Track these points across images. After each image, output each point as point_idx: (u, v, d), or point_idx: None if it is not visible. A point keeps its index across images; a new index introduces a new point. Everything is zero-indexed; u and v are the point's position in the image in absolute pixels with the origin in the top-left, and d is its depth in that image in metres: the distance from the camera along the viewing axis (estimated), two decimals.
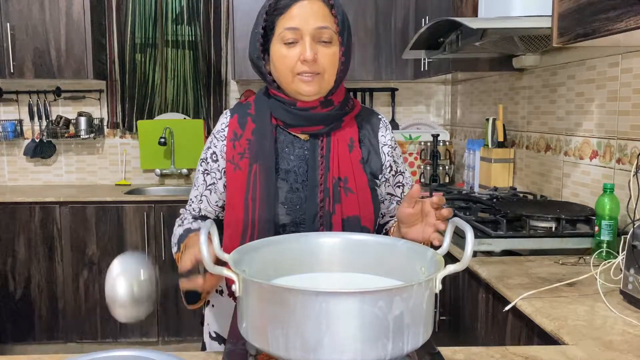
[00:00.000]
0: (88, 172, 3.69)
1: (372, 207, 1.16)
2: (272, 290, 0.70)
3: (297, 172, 1.16)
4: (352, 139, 1.17)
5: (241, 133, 1.17)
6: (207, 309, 1.29)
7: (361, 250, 0.94)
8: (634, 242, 1.30)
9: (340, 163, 1.15)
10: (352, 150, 1.16)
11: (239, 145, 1.16)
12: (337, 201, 1.13)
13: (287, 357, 0.69)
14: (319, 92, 1.11)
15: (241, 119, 1.18)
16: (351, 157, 1.15)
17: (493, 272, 1.58)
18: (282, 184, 1.14)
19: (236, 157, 1.15)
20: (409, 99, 3.74)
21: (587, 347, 1.08)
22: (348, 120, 1.18)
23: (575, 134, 2.15)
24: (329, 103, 1.15)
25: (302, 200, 1.14)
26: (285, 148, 1.16)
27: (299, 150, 1.17)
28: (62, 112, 3.60)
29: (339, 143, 1.16)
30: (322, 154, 1.15)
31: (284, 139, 1.17)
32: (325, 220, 1.12)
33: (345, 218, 1.12)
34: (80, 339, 3.17)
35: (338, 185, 1.13)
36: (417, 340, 0.72)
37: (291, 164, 1.16)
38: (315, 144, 1.16)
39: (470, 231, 0.76)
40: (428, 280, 0.73)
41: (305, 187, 1.14)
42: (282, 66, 1.10)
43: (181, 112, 3.65)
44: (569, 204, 2.06)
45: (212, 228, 0.79)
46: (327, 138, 1.16)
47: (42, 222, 3.10)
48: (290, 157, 1.16)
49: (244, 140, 1.16)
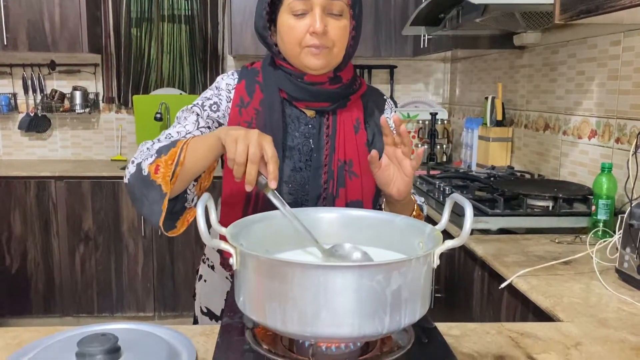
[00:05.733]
0: (83, 147, 3.66)
1: (374, 192, 1.14)
2: (270, 263, 0.70)
3: (302, 151, 1.13)
4: (359, 120, 1.15)
5: (248, 101, 1.12)
6: (199, 283, 1.28)
7: (359, 225, 0.94)
8: (631, 221, 1.30)
9: (346, 145, 1.12)
10: (358, 131, 1.14)
11: (246, 114, 1.11)
12: (342, 185, 1.11)
13: (285, 330, 0.69)
14: (327, 66, 1.08)
15: (249, 86, 1.13)
16: (357, 139, 1.13)
17: (489, 250, 1.58)
18: (286, 161, 1.11)
19: (242, 125, 1.10)
20: (407, 77, 3.71)
21: (581, 324, 1.09)
22: (354, 100, 1.15)
23: (575, 113, 2.14)
24: (338, 80, 1.12)
25: (305, 180, 1.12)
26: (291, 123, 1.13)
27: (304, 127, 1.14)
28: (57, 86, 3.56)
29: (345, 123, 1.13)
30: (327, 133, 1.12)
31: (290, 114, 1.13)
32: (328, 203, 1.11)
33: (349, 202, 1.11)
34: (77, 313, 3.18)
35: (343, 168, 1.11)
36: (414, 314, 0.72)
37: (295, 141, 1.13)
38: (321, 122, 1.13)
39: (469, 207, 0.75)
40: (426, 255, 0.72)
41: (309, 166, 1.12)
42: (289, 38, 1.06)
43: (177, 88, 3.61)
44: (566, 183, 2.06)
45: (210, 201, 0.78)
46: (333, 117, 1.13)
47: (37, 197, 3.09)
48: (295, 133, 1.13)
49: (252, 109, 1.11)
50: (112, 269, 3.17)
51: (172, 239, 3.16)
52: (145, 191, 0.97)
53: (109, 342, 0.86)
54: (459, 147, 3.23)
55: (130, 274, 3.18)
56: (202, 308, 1.27)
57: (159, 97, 3.51)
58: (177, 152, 0.95)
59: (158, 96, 3.52)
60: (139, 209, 1.01)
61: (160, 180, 0.95)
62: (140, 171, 0.98)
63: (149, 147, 1.02)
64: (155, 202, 0.96)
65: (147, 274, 3.19)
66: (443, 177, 2.34)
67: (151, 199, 0.96)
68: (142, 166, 0.98)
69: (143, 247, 3.16)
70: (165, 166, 0.95)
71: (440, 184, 2.16)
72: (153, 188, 0.96)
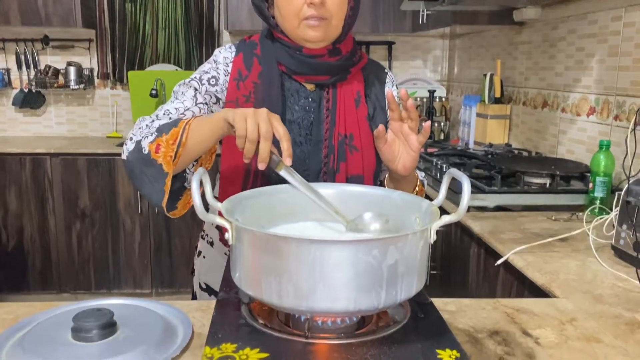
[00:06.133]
0: (79, 123, 3.63)
1: (375, 166, 1.13)
2: (266, 238, 0.69)
3: (301, 125, 1.11)
4: (359, 93, 1.13)
5: (247, 74, 1.10)
6: (198, 259, 1.28)
7: (356, 201, 0.93)
8: (628, 198, 1.29)
9: (347, 119, 1.10)
10: (359, 105, 1.12)
11: (244, 87, 1.09)
12: (342, 159, 1.09)
13: (280, 305, 0.69)
14: (325, 38, 1.06)
15: (247, 59, 1.11)
16: (357, 113, 1.11)
17: (486, 227, 1.58)
18: None
19: (240, 99, 1.08)
20: (406, 54, 3.68)
21: (577, 300, 1.09)
22: (355, 72, 1.13)
23: (574, 90, 2.12)
24: (337, 52, 1.10)
25: (305, 155, 1.10)
26: (290, 97, 1.11)
27: (304, 100, 1.12)
28: (51, 62, 3.51)
29: (346, 97, 1.11)
30: (327, 106, 1.11)
31: (290, 87, 1.11)
32: (329, 178, 1.09)
33: (349, 177, 1.10)
34: (74, 290, 3.19)
35: (344, 142, 1.09)
36: (410, 289, 0.72)
37: (295, 115, 1.11)
38: (321, 95, 1.11)
39: (467, 182, 0.74)
40: (423, 230, 0.72)
41: (309, 141, 1.10)
42: (287, 9, 1.04)
43: (173, 64, 3.57)
44: (564, 160, 2.05)
45: (204, 175, 0.77)
46: (333, 90, 1.11)
47: (33, 174, 3.07)
48: (295, 107, 1.11)
49: (250, 82, 1.09)
50: (109, 246, 3.17)
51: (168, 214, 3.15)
52: (146, 170, 0.95)
53: (105, 317, 0.86)
54: (456, 125, 3.21)
55: (127, 250, 3.19)
56: (201, 284, 1.27)
57: (154, 73, 3.47)
58: (179, 132, 0.93)
59: (153, 72, 3.48)
60: (138, 187, 0.99)
61: (161, 160, 0.93)
62: (140, 149, 0.96)
63: (148, 124, 1.00)
64: (156, 182, 0.95)
65: (144, 251, 3.19)
66: (440, 154, 2.33)
67: (152, 178, 0.95)
68: (141, 144, 0.96)
69: (140, 224, 3.16)
70: (166, 146, 0.93)
71: (437, 162, 2.15)
72: (154, 167, 0.94)
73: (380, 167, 1.16)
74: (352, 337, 0.70)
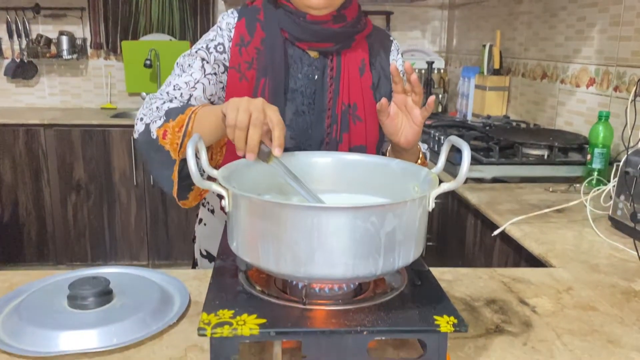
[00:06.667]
0: (72, 94, 3.59)
1: (378, 136, 1.12)
2: (263, 205, 0.68)
3: (304, 93, 1.08)
4: (364, 62, 1.10)
5: (249, 40, 1.07)
6: (199, 227, 1.28)
7: (354, 169, 0.92)
8: (626, 169, 1.29)
9: (351, 88, 1.08)
10: (363, 74, 1.10)
11: (246, 53, 1.06)
12: (345, 130, 1.08)
13: (278, 271, 0.68)
14: (330, 5, 1.03)
15: (250, 24, 1.08)
16: (361, 82, 1.09)
17: (483, 198, 1.58)
18: (288, 104, 1.07)
19: (243, 66, 1.06)
20: (404, 24, 3.62)
21: (573, 270, 1.09)
22: (359, 40, 1.11)
23: (574, 61, 2.10)
24: (342, 18, 1.07)
25: (308, 125, 1.08)
26: (293, 64, 1.08)
27: (308, 68, 1.09)
28: (43, 31, 3.45)
29: (350, 65, 1.09)
30: (331, 75, 1.08)
31: (293, 54, 1.09)
32: (331, 148, 1.08)
33: (352, 147, 1.08)
34: (71, 262, 3.20)
35: (347, 112, 1.08)
36: (408, 256, 0.71)
37: (298, 83, 1.08)
38: (324, 63, 1.09)
39: (466, 148, 0.73)
40: (421, 198, 0.71)
41: (312, 110, 1.08)
42: None
43: (167, 33, 3.51)
44: (562, 132, 2.04)
45: (200, 142, 0.76)
46: (337, 58, 1.09)
47: (26, 145, 3.05)
48: (298, 75, 1.08)
49: (252, 48, 1.07)
50: (104, 218, 3.17)
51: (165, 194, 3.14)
52: (155, 155, 0.96)
53: (101, 285, 0.86)
54: (454, 97, 3.19)
55: (123, 223, 3.18)
56: (202, 251, 1.27)
57: (148, 43, 3.42)
58: (185, 121, 0.92)
59: (148, 42, 3.43)
60: (150, 170, 1.01)
61: (169, 147, 0.94)
62: (148, 133, 0.96)
63: (159, 106, 0.99)
64: (166, 169, 0.96)
65: (140, 223, 3.19)
66: (438, 126, 2.32)
67: (161, 164, 0.96)
68: (150, 128, 0.96)
69: (136, 196, 3.15)
70: (172, 133, 0.93)
71: (435, 134, 2.13)
72: (162, 153, 0.95)
73: (383, 138, 1.14)
74: (350, 303, 0.70)
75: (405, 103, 0.99)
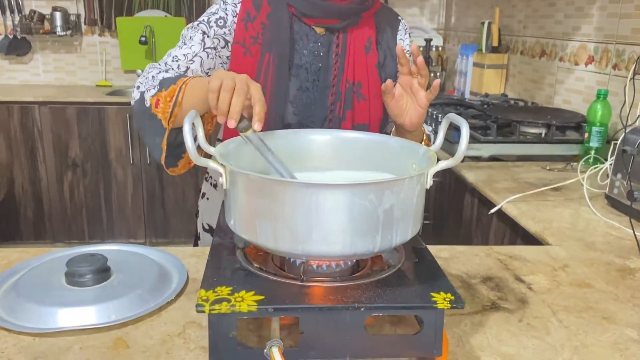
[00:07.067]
0: (67, 71, 3.55)
1: (382, 115, 1.11)
2: (261, 182, 0.68)
3: (309, 70, 1.08)
4: (370, 40, 1.10)
5: (255, 14, 1.07)
6: (202, 201, 1.29)
7: (352, 147, 0.91)
8: (624, 147, 1.29)
9: (356, 66, 1.08)
10: (369, 52, 1.09)
11: (252, 28, 1.06)
12: (349, 107, 1.08)
13: (276, 248, 0.68)
14: None
15: None
16: (367, 60, 1.09)
17: (480, 176, 1.58)
18: (292, 80, 1.07)
19: (248, 41, 1.05)
20: (402, 1, 3.58)
21: (570, 248, 1.10)
22: (366, 18, 1.10)
23: (573, 39, 2.08)
24: None
25: (312, 101, 1.08)
26: (299, 40, 1.08)
27: (313, 44, 1.09)
28: (36, 7, 3.39)
29: (356, 42, 1.08)
30: (337, 52, 1.08)
31: (299, 30, 1.08)
32: (334, 125, 1.08)
33: (355, 125, 1.08)
34: (68, 240, 3.20)
35: (351, 90, 1.08)
36: (405, 234, 0.71)
37: (303, 59, 1.08)
38: (330, 40, 1.08)
39: (465, 125, 0.73)
40: (419, 175, 0.71)
41: (316, 87, 1.08)
42: None
43: (162, 10, 3.46)
44: (560, 110, 2.03)
45: (197, 119, 0.75)
46: (343, 35, 1.08)
47: (21, 123, 3.02)
48: (304, 51, 1.08)
49: (258, 23, 1.06)
50: (101, 196, 3.16)
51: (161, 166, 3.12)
52: (148, 122, 0.97)
53: (98, 262, 0.86)
54: (452, 75, 3.16)
55: (119, 201, 3.18)
56: (204, 225, 1.29)
57: (143, 19, 3.37)
58: (175, 91, 0.93)
59: (142, 18, 3.38)
60: (142, 137, 1.03)
61: (160, 115, 0.95)
62: (143, 101, 0.98)
63: (154, 75, 1.00)
64: (157, 136, 0.97)
65: (137, 202, 3.19)
66: (436, 104, 2.30)
67: (153, 131, 0.97)
68: (144, 96, 0.97)
69: (132, 175, 3.14)
70: (164, 102, 0.94)
71: (433, 112, 2.13)
72: (154, 121, 0.96)
73: (387, 118, 1.14)
74: (347, 280, 0.70)
75: (411, 85, 0.99)
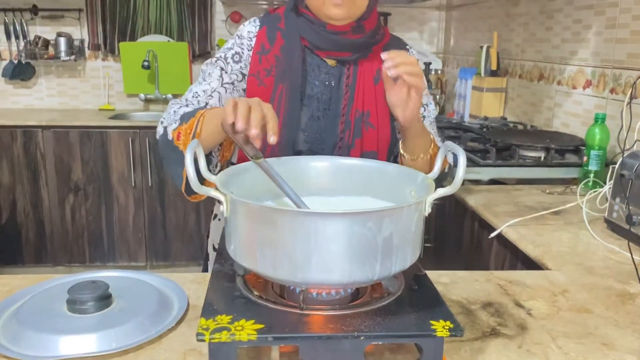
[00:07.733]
0: (70, 95, 3.59)
1: (390, 143, 1.14)
2: (261, 210, 0.69)
3: (320, 99, 1.12)
4: (379, 71, 1.13)
5: (269, 48, 1.11)
6: (214, 222, 1.32)
7: (351, 174, 0.92)
8: (622, 171, 1.30)
9: (365, 96, 1.12)
10: (378, 82, 1.12)
11: (266, 61, 1.10)
12: (358, 135, 1.11)
13: (275, 276, 0.69)
14: (349, 16, 1.07)
15: (270, 32, 1.12)
16: (376, 90, 1.12)
17: (480, 200, 1.58)
18: (304, 109, 1.11)
19: (262, 73, 1.10)
20: (401, 25, 3.63)
21: (569, 272, 1.10)
22: (376, 50, 1.13)
23: (570, 63, 2.11)
24: (360, 29, 1.10)
25: (322, 129, 1.12)
26: (311, 72, 1.12)
27: (325, 76, 1.13)
28: (40, 33, 3.44)
29: (365, 74, 1.12)
30: (347, 83, 1.12)
31: (311, 62, 1.12)
32: (344, 152, 1.11)
33: (364, 152, 1.11)
34: (69, 263, 3.20)
35: (360, 119, 1.11)
36: (404, 261, 0.72)
37: (315, 90, 1.12)
38: (341, 71, 1.12)
39: (462, 154, 0.74)
40: (418, 203, 0.72)
41: (327, 116, 1.12)
42: None
43: (164, 34, 3.51)
44: (558, 134, 2.05)
45: (198, 148, 0.76)
46: (354, 67, 1.12)
47: (24, 147, 3.04)
48: (315, 82, 1.12)
49: (272, 56, 1.11)
50: (102, 219, 3.17)
51: (163, 189, 3.15)
52: (171, 154, 1.03)
53: (100, 289, 0.86)
54: (452, 98, 3.19)
55: (121, 224, 3.19)
56: (214, 245, 1.31)
57: (146, 44, 3.42)
58: (194, 123, 0.98)
59: (145, 43, 3.43)
60: (166, 167, 1.09)
61: (182, 147, 1.00)
62: (166, 135, 1.04)
63: (176, 110, 1.06)
64: (179, 167, 1.02)
65: (138, 224, 3.19)
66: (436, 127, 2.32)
67: (175, 162, 1.03)
68: (167, 130, 1.04)
69: (134, 198, 3.15)
70: (185, 134, 0.99)
71: None
72: (176, 153, 1.01)
73: (395, 142, 1.17)
74: (347, 308, 0.71)
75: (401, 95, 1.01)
